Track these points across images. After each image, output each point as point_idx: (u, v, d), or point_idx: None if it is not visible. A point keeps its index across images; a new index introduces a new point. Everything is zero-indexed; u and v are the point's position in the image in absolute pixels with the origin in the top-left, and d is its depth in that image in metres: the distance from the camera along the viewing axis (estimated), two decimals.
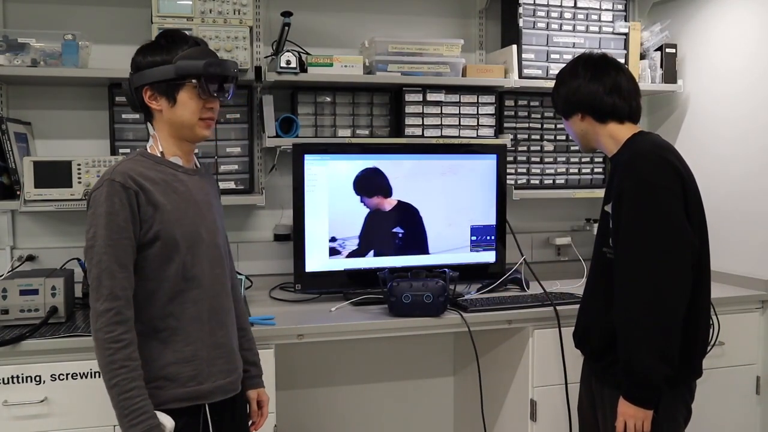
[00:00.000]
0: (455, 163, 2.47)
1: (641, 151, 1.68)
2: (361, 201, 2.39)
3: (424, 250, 2.46)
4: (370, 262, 2.40)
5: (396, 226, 2.43)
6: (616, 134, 1.76)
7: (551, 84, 2.60)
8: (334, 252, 2.37)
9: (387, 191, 2.41)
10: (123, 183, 1.40)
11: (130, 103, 1.54)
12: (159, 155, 1.51)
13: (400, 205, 2.43)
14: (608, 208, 1.73)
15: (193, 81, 1.46)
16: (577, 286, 2.52)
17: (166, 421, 1.40)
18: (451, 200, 2.47)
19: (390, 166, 2.41)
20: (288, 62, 2.31)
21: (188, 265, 1.47)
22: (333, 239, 2.36)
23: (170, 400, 1.44)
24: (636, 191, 1.61)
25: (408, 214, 2.44)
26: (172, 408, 1.44)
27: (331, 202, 2.34)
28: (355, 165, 2.37)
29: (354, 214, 2.38)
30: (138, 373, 1.38)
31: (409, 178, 2.43)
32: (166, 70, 1.46)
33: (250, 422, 1.71)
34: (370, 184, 2.39)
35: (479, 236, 2.51)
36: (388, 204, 2.41)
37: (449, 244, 2.48)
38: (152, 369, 1.43)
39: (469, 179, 2.49)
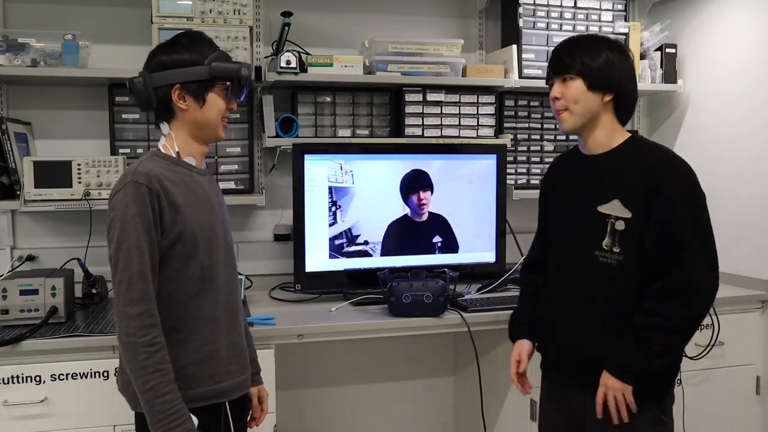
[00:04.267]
0: (455, 163, 2.46)
1: (674, 155, 1.64)
2: (408, 204, 2.42)
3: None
4: (370, 262, 2.39)
5: (432, 234, 2.45)
6: (613, 130, 1.67)
7: None
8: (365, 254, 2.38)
9: (428, 185, 2.44)
10: (147, 184, 1.39)
11: (142, 102, 1.49)
12: (174, 155, 1.51)
13: (432, 215, 2.45)
14: (606, 209, 1.63)
15: (226, 83, 1.49)
16: None
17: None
18: (451, 200, 2.46)
19: (390, 166, 2.41)
20: (288, 62, 2.30)
21: (206, 265, 1.47)
22: (366, 242, 2.38)
23: (191, 399, 1.43)
24: (693, 196, 1.59)
25: (440, 223, 2.45)
26: (193, 407, 1.43)
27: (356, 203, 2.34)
28: (355, 165, 2.37)
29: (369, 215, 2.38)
30: (171, 376, 1.37)
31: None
32: (199, 71, 1.46)
33: (249, 417, 1.72)
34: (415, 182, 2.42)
35: (479, 236, 2.50)
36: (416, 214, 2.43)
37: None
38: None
39: (468, 179, 2.47)
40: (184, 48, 1.48)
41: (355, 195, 2.36)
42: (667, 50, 2.76)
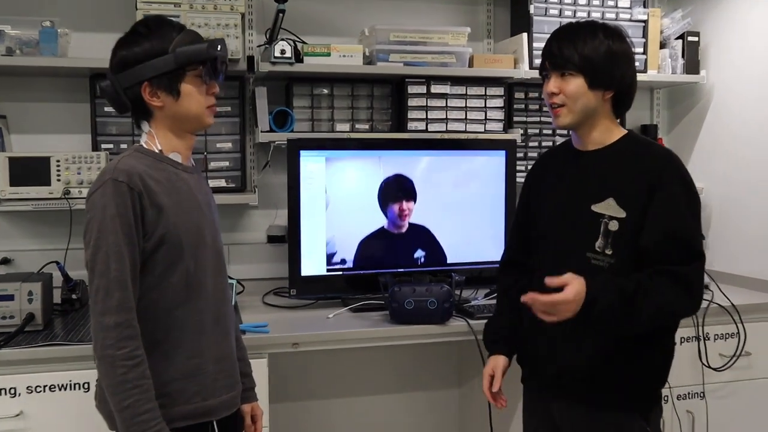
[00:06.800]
0: (461, 160, 2.44)
1: (672, 152, 1.63)
2: (387, 213, 2.35)
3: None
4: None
5: (413, 249, 2.39)
6: (610, 126, 1.65)
7: None
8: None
9: (412, 194, 2.38)
10: (128, 183, 1.34)
11: (116, 105, 1.44)
12: (158, 152, 1.46)
13: (412, 227, 2.39)
14: (600, 209, 1.58)
15: (198, 68, 1.41)
16: None
17: None
18: (457, 199, 2.43)
19: (391, 163, 2.38)
20: (282, 52, 2.28)
21: (192, 271, 1.43)
22: (343, 261, 2.34)
23: (175, 418, 1.40)
24: (693, 196, 1.59)
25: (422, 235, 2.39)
26: (178, 427, 1.40)
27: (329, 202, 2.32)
28: (354, 163, 2.34)
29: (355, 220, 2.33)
30: (151, 393, 1.33)
31: (411, 177, 2.40)
32: (164, 62, 1.39)
33: None
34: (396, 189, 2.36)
35: (487, 238, 2.46)
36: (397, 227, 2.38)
37: (455, 247, 2.43)
38: (154, 386, 1.37)
39: (476, 177, 2.44)
40: (144, 38, 1.40)
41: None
42: (689, 38, 2.74)
